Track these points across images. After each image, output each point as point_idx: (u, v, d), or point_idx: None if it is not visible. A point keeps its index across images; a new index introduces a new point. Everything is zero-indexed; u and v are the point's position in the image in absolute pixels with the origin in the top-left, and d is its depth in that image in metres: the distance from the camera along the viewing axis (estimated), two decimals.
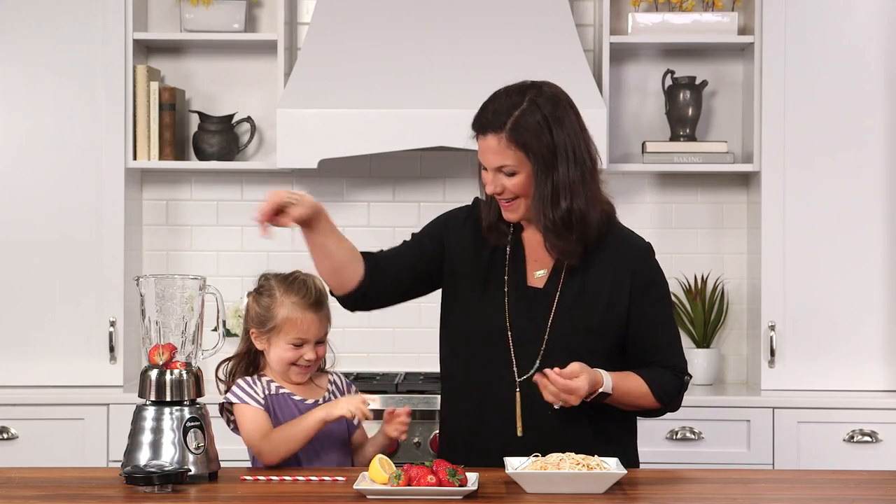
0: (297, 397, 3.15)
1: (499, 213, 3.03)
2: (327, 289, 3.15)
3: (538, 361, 2.96)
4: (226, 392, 3.15)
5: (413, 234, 3.16)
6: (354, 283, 3.04)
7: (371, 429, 3.26)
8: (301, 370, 3.15)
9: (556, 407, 2.88)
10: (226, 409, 3.15)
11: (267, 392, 3.13)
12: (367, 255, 3.07)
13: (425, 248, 3.10)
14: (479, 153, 2.98)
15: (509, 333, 2.99)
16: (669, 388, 3.02)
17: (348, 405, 3.02)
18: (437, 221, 3.15)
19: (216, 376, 3.20)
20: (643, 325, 3.02)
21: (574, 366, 2.87)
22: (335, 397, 3.18)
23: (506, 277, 3.02)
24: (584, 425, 2.97)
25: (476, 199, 3.13)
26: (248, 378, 3.15)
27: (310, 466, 3.07)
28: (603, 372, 2.92)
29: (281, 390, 3.14)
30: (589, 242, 2.99)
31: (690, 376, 3.09)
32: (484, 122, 2.95)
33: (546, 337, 2.97)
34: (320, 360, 3.18)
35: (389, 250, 3.14)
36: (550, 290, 3.00)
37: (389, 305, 3.14)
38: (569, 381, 2.84)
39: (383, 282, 3.07)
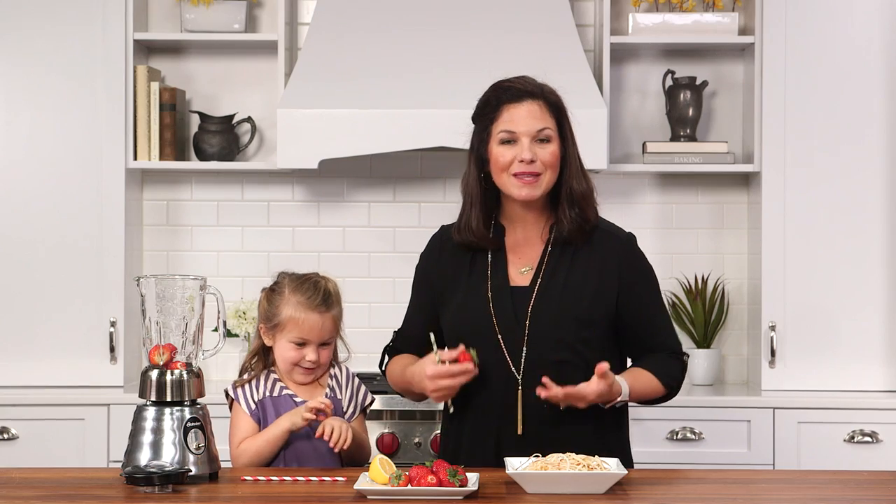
0: (298, 399, 3.16)
1: (484, 218, 3.05)
2: (341, 292, 3.20)
3: (523, 357, 2.98)
4: (233, 383, 3.21)
5: (409, 302, 3.19)
6: None
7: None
8: (304, 371, 3.16)
9: (561, 407, 2.91)
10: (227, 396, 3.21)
11: (268, 394, 3.15)
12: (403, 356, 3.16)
13: (426, 305, 3.14)
14: (510, 122, 3.01)
15: (499, 336, 3.00)
16: (675, 374, 3.09)
17: (307, 410, 3.07)
18: (418, 272, 3.19)
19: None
20: (637, 312, 3.06)
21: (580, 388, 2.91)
22: (335, 393, 3.19)
23: (489, 280, 3.05)
24: (581, 425, 2.98)
25: (442, 226, 3.18)
26: (261, 374, 3.19)
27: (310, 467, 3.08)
28: (621, 380, 2.96)
29: (284, 391, 3.16)
30: (595, 224, 3.07)
31: (688, 355, 3.16)
32: (518, 91, 3.02)
33: (532, 329, 2.98)
34: (326, 364, 3.19)
35: (405, 328, 3.19)
36: (537, 284, 3.03)
37: None
38: (576, 388, 2.88)
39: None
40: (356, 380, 3.27)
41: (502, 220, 3.10)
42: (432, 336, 3.00)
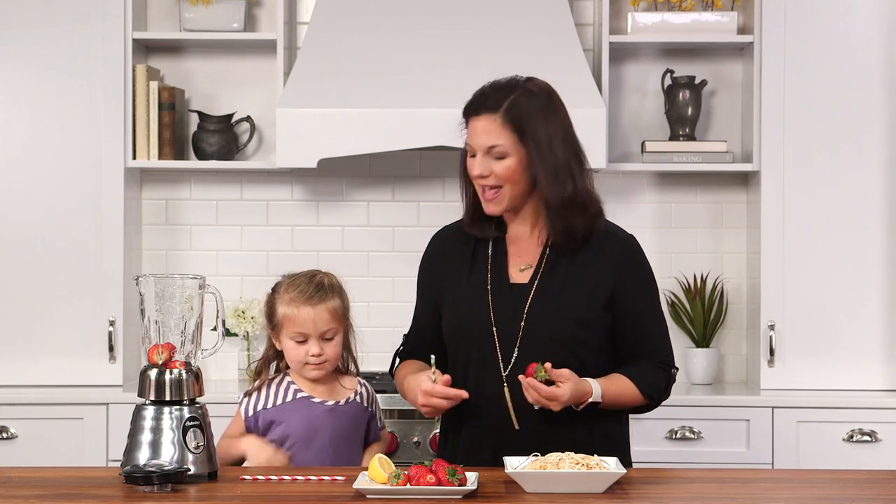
0: (316, 399, 3.16)
1: (479, 212, 3.06)
2: (342, 285, 3.20)
3: (514, 355, 2.98)
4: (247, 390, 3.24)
5: (416, 304, 3.20)
6: None
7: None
8: (313, 367, 3.15)
9: (535, 408, 2.91)
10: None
11: (279, 402, 3.14)
12: (414, 358, 3.17)
13: (431, 305, 3.14)
14: (469, 136, 3.01)
15: (494, 329, 3.00)
16: (657, 385, 3.05)
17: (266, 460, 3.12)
18: (420, 274, 3.19)
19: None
20: (630, 315, 3.03)
21: (564, 371, 2.89)
22: (360, 399, 3.19)
23: (489, 276, 3.05)
24: (579, 421, 2.98)
25: (443, 227, 3.19)
26: (273, 380, 3.20)
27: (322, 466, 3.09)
28: (591, 381, 2.94)
29: (300, 394, 3.15)
30: (590, 226, 3.02)
31: (677, 369, 3.11)
32: (478, 104, 2.99)
33: (527, 329, 2.98)
34: (334, 358, 3.17)
35: (413, 330, 3.19)
36: (535, 284, 3.02)
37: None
38: (551, 389, 2.86)
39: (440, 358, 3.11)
40: (376, 402, 3.27)
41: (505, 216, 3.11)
42: (433, 358, 2.98)
